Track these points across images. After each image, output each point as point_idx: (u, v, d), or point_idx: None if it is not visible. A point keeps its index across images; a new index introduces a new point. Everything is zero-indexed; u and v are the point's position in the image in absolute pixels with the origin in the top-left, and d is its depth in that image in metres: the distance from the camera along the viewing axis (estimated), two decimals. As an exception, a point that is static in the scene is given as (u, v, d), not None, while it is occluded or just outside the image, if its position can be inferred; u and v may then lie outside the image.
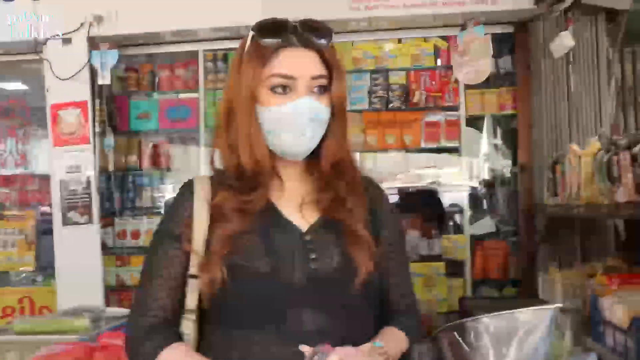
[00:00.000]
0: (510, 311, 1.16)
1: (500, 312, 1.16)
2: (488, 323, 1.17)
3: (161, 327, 1.36)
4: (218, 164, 1.44)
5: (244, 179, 1.35)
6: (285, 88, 1.34)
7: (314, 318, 1.28)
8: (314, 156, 1.40)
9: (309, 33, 1.36)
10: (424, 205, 4.76)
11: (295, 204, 1.39)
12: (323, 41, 1.37)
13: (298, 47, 1.35)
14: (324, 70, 1.36)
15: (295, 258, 1.32)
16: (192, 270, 1.36)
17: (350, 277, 1.31)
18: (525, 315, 1.16)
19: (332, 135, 1.39)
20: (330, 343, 1.20)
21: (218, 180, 1.41)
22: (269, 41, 1.34)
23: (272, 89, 1.34)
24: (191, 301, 1.37)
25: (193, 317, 1.37)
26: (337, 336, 1.26)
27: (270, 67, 1.34)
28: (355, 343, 1.25)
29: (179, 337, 1.36)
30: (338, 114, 1.39)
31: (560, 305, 1.19)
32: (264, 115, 1.35)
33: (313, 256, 1.33)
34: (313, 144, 1.37)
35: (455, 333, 1.23)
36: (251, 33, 1.37)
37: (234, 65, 1.41)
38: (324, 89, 1.36)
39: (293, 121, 1.32)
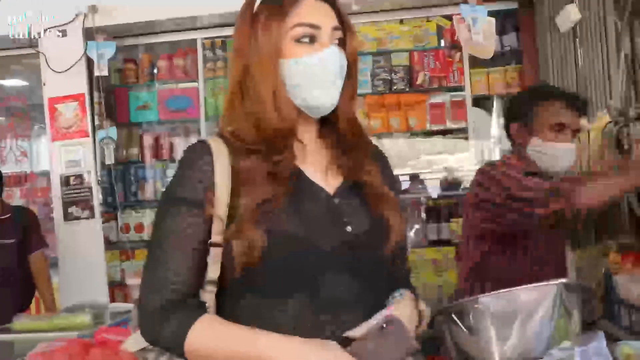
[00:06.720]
0: (511, 289, 1.07)
1: (500, 291, 1.07)
2: (487, 303, 1.08)
3: (183, 302, 1.23)
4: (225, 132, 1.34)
5: (267, 142, 1.27)
6: (311, 38, 1.28)
7: (349, 284, 1.23)
8: (326, 119, 1.35)
9: None
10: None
11: (319, 168, 1.33)
12: None
13: None
14: (340, 24, 1.32)
15: (328, 222, 1.26)
16: (216, 238, 1.24)
17: (383, 239, 1.28)
18: (527, 293, 1.06)
19: (346, 92, 1.33)
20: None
21: (233, 143, 1.30)
22: None
23: (298, 40, 1.28)
24: (213, 272, 1.25)
25: (214, 288, 1.26)
26: (369, 302, 1.24)
27: (293, 17, 1.27)
28: (382, 307, 1.23)
29: (204, 311, 1.24)
30: (351, 70, 1.33)
31: (564, 280, 1.09)
32: (290, 69, 1.28)
33: (345, 219, 1.27)
34: (338, 98, 1.31)
35: (454, 315, 1.14)
36: None
37: (243, 29, 1.33)
38: (339, 43, 1.31)
39: (323, 71, 1.27)
